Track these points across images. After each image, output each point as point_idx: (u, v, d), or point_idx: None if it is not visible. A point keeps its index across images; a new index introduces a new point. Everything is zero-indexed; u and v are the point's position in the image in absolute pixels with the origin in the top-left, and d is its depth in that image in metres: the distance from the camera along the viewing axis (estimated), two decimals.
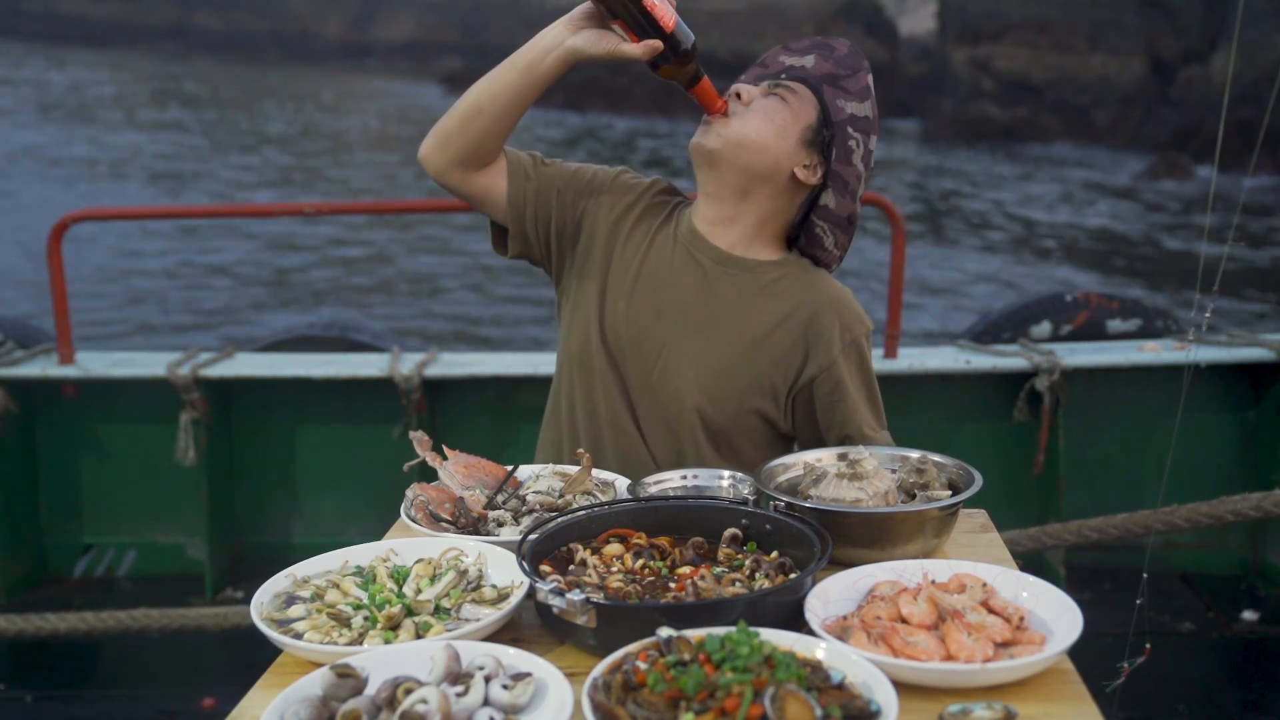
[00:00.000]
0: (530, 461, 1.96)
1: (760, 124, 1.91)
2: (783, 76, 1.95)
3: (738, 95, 1.92)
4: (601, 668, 1.16)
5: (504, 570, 1.47)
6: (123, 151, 20.46)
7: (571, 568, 1.46)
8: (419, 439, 1.77)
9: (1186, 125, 20.35)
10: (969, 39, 24.93)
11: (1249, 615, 3.56)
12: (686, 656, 1.14)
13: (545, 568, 1.44)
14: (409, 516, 1.66)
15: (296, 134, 23.54)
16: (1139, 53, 23.88)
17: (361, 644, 1.31)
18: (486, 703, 1.15)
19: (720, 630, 1.18)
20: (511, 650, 1.24)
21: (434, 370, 3.69)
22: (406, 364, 3.69)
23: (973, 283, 12.49)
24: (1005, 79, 24.29)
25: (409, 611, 1.38)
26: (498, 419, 3.90)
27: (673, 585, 1.42)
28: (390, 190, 18.00)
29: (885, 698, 1.09)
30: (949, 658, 1.22)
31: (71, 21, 43.33)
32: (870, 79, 1.96)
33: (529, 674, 1.18)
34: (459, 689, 1.15)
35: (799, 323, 1.96)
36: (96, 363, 3.75)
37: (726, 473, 1.77)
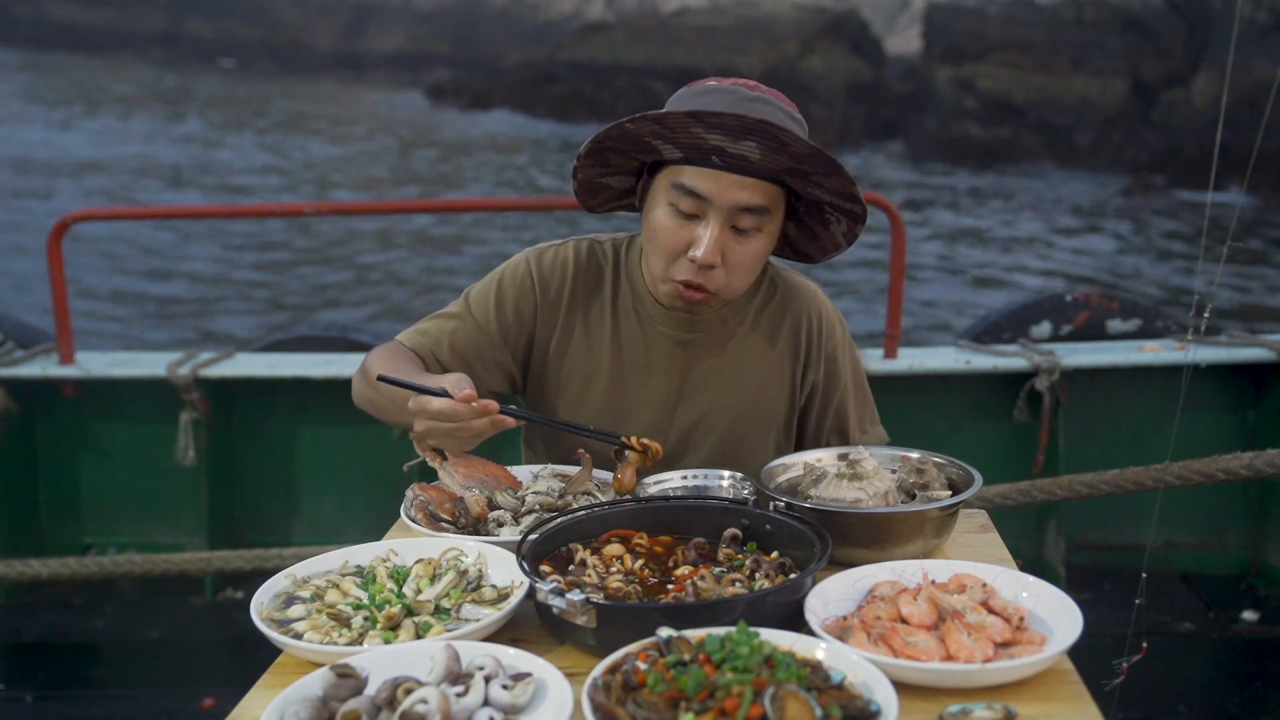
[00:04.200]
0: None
1: (748, 277, 1.78)
2: (713, 159, 1.67)
3: (710, 265, 1.71)
4: (601, 668, 1.16)
5: (504, 570, 1.47)
6: (121, 155, 20.58)
7: (571, 568, 1.46)
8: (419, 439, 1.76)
9: (1167, 147, 20.44)
10: (953, 59, 24.96)
11: (1249, 615, 3.56)
12: (686, 657, 1.14)
13: (545, 568, 1.44)
14: (409, 517, 1.66)
15: (286, 140, 23.66)
16: (1121, 75, 23.95)
17: (361, 644, 1.31)
18: (486, 703, 1.15)
19: (720, 630, 1.18)
20: (511, 650, 1.24)
21: None
22: None
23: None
24: (988, 99, 24.36)
25: (409, 612, 1.38)
26: None
27: (672, 585, 1.42)
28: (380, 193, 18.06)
29: (885, 698, 1.09)
30: (949, 658, 1.22)
31: (62, 28, 43.58)
32: (852, 184, 1.66)
33: (529, 674, 1.18)
34: (459, 689, 1.15)
35: (788, 340, 1.94)
36: (96, 363, 3.75)
37: (726, 473, 1.77)
